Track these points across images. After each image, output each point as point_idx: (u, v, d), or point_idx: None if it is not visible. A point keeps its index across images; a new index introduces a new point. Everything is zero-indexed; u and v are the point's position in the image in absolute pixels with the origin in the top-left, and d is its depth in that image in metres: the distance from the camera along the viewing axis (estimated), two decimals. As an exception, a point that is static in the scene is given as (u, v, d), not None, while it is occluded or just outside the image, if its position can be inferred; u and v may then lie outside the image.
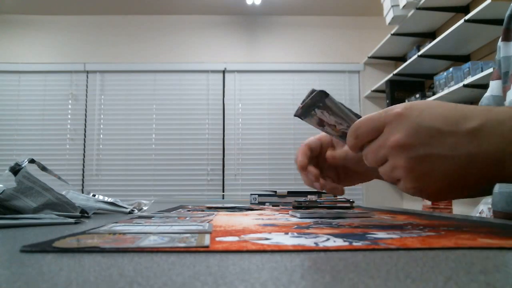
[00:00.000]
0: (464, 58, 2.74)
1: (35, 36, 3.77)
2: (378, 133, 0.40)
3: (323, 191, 0.56)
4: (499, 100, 0.73)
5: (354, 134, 0.42)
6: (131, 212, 0.69)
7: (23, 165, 0.55)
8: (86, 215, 0.59)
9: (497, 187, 0.70)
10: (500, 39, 0.74)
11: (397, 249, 0.27)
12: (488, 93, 0.76)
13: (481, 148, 0.37)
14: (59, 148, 3.68)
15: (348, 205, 0.88)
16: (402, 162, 0.38)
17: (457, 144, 0.37)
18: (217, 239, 0.31)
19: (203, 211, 0.74)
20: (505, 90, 0.69)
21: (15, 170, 0.54)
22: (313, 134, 0.60)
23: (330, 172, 0.58)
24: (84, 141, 3.71)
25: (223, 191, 3.66)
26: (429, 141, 0.37)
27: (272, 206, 1.01)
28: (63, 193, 0.63)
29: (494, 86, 0.74)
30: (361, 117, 0.43)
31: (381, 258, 0.24)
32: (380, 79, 3.58)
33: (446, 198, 0.41)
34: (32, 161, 0.60)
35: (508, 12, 0.71)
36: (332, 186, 0.54)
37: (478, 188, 0.40)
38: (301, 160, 0.56)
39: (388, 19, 3.00)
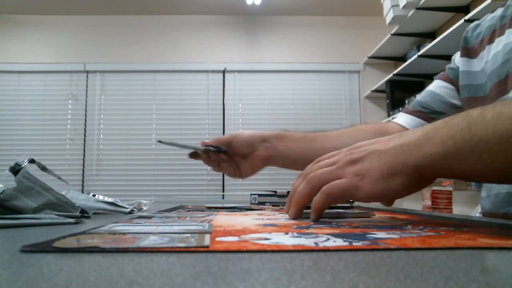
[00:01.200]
0: (464, 58, 2.74)
1: (35, 36, 3.77)
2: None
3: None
4: (436, 97, 0.86)
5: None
6: (131, 212, 0.69)
7: (23, 165, 0.55)
8: (86, 215, 0.59)
9: (483, 192, 0.79)
10: (456, 56, 0.86)
11: (397, 249, 0.27)
12: (430, 88, 0.89)
13: (405, 139, 0.46)
14: (59, 148, 3.68)
15: (348, 205, 0.88)
16: (347, 160, 0.48)
17: (389, 141, 0.47)
18: (217, 239, 0.31)
19: (203, 211, 0.74)
20: (477, 100, 0.78)
21: (15, 170, 0.54)
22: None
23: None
24: (84, 141, 3.71)
25: (223, 191, 3.66)
26: (368, 145, 0.49)
27: (272, 206, 1.01)
28: (63, 193, 0.63)
29: (438, 84, 0.88)
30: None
31: (381, 258, 0.24)
32: (380, 79, 3.58)
33: (381, 189, 0.45)
34: (32, 161, 0.60)
35: (464, 34, 0.83)
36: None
37: (405, 174, 0.45)
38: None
39: (388, 19, 3.00)
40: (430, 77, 3.14)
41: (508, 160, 0.40)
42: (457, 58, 0.85)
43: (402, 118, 0.89)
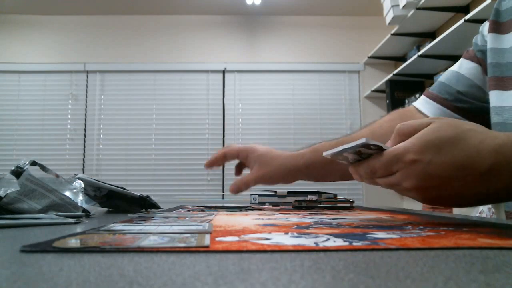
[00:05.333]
0: (464, 58, 2.74)
1: (35, 36, 3.77)
2: (391, 174, 0.45)
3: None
4: (464, 80, 0.75)
5: (371, 174, 0.46)
6: (141, 197, 0.71)
7: (25, 168, 0.55)
8: (88, 214, 0.60)
9: None
10: (484, 27, 0.75)
11: (397, 249, 0.27)
12: (455, 68, 0.78)
13: (488, 187, 0.40)
14: (59, 148, 3.68)
15: (348, 205, 0.88)
16: (418, 198, 0.45)
17: (467, 187, 0.41)
18: (217, 239, 0.31)
19: (203, 211, 0.74)
20: (497, 80, 0.69)
21: (18, 173, 0.55)
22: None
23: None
24: (84, 141, 3.71)
25: (223, 191, 3.66)
26: (440, 185, 0.42)
27: (272, 206, 1.01)
28: (78, 176, 0.67)
29: (464, 66, 0.76)
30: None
31: (381, 258, 0.24)
32: (380, 79, 3.58)
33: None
34: (33, 163, 0.61)
35: (495, 5, 0.73)
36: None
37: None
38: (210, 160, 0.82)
39: (388, 19, 3.00)
40: (430, 77, 3.14)
41: None
42: (485, 33, 0.74)
43: (423, 103, 0.80)
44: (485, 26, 0.75)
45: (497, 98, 0.68)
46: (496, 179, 0.40)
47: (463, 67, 0.76)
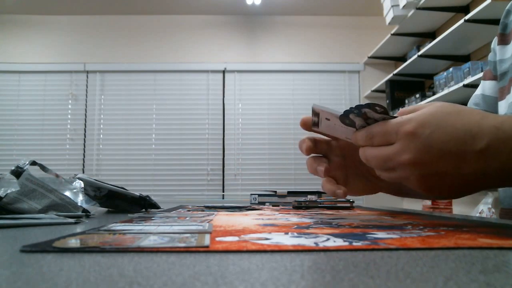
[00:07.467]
0: (464, 58, 2.74)
1: (35, 36, 3.77)
2: (388, 143, 0.43)
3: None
4: (490, 100, 0.77)
5: (368, 140, 0.45)
6: (141, 197, 0.71)
7: (25, 168, 0.55)
8: (88, 213, 0.60)
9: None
10: (495, 42, 0.78)
11: (397, 249, 0.27)
12: (479, 91, 0.80)
13: (486, 166, 0.40)
14: (59, 148, 3.68)
15: (348, 205, 0.88)
16: (413, 177, 0.42)
17: (465, 164, 0.40)
18: (217, 239, 0.31)
19: (203, 211, 0.74)
20: (503, 90, 0.72)
21: (17, 173, 0.54)
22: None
23: (337, 172, 0.56)
24: (84, 141, 3.71)
25: (223, 191, 3.66)
26: (439, 160, 0.40)
27: (272, 206, 1.01)
28: (78, 175, 0.66)
29: (487, 86, 0.79)
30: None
31: (381, 258, 0.24)
32: (380, 79, 3.58)
33: (445, 198, 0.46)
34: (33, 163, 0.61)
35: (502, 19, 0.76)
36: (333, 187, 0.52)
37: (475, 192, 0.44)
38: (307, 144, 0.58)
39: (388, 19, 3.00)
40: (430, 77, 3.14)
41: None
42: (495, 48, 0.78)
43: None
44: (495, 41, 0.78)
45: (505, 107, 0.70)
46: (495, 157, 0.40)
47: (486, 87, 0.78)
